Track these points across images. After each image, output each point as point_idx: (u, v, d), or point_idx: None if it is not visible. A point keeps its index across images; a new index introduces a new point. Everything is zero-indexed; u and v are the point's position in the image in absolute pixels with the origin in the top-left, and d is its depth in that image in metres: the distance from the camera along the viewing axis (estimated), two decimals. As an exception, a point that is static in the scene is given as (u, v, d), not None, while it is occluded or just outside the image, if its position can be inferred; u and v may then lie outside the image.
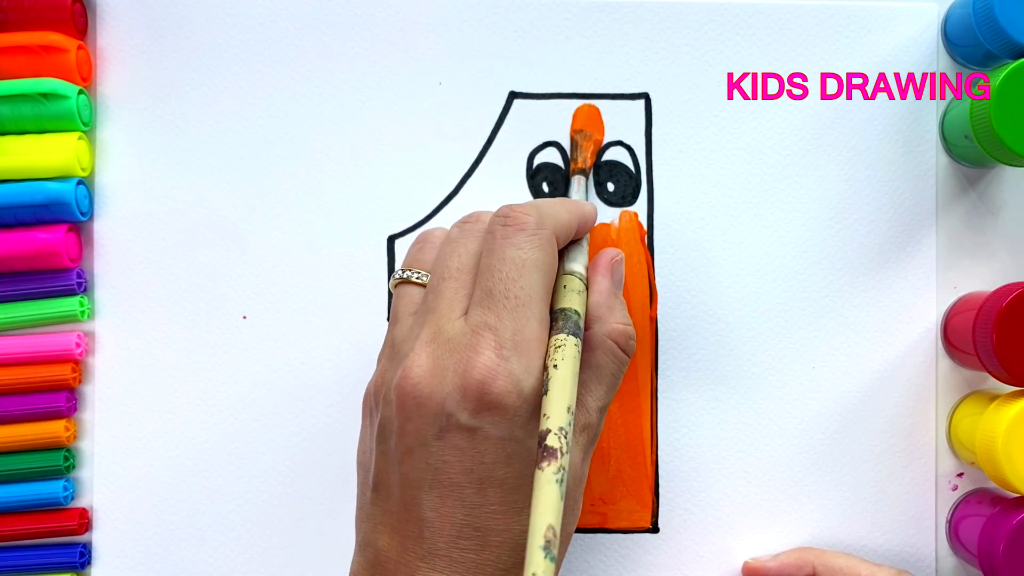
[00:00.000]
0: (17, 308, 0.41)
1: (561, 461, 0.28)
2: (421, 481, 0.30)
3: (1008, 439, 0.38)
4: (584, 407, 0.33)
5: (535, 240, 0.32)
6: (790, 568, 0.40)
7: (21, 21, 0.41)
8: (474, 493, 0.30)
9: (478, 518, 0.30)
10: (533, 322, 0.31)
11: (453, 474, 0.30)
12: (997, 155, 0.39)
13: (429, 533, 0.30)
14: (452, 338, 0.31)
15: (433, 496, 0.30)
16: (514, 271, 0.31)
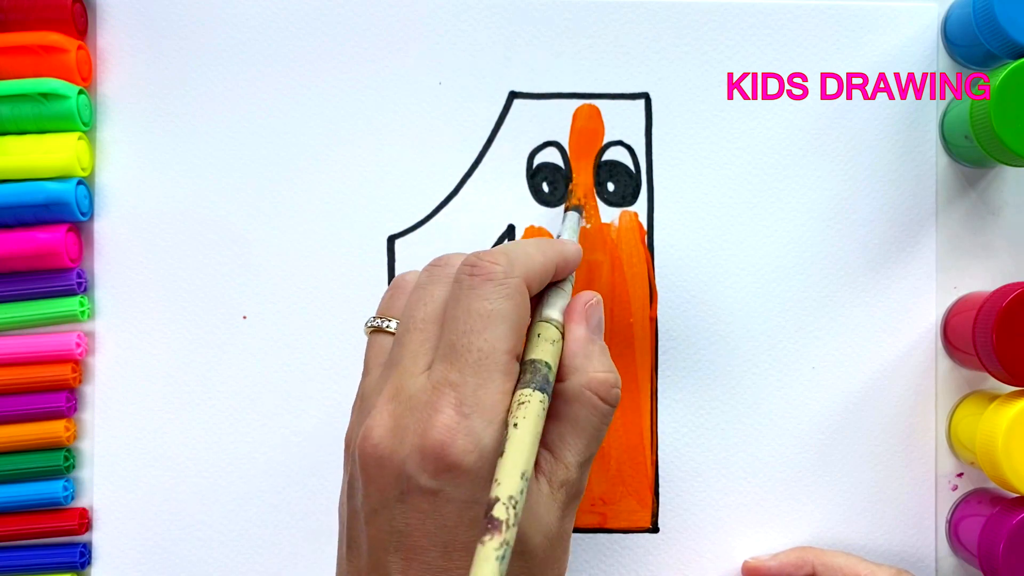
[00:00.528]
0: (17, 308, 0.41)
1: (506, 535, 0.26)
2: (387, 543, 0.29)
3: (1008, 439, 0.38)
4: (562, 463, 0.31)
5: (502, 290, 0.30)
6: (789, 567, 0.40)
7: (21, 21, 0.41)
8: (439, 556, 0.29)
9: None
10: (497, 376, 0.29)
11: (417, 537, 0.29)
12: (997, 155, 0.39)
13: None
14: (413, 395, 0.30)
15: (399, 559, 0.29)
16: (479, 323, 0.30)
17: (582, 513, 0.42)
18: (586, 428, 0.31)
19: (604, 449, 0.42)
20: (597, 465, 0.42)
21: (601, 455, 0.42)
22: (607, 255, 0.42)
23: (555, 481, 0.30)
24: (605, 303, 0.42)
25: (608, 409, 0.32)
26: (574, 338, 0.33)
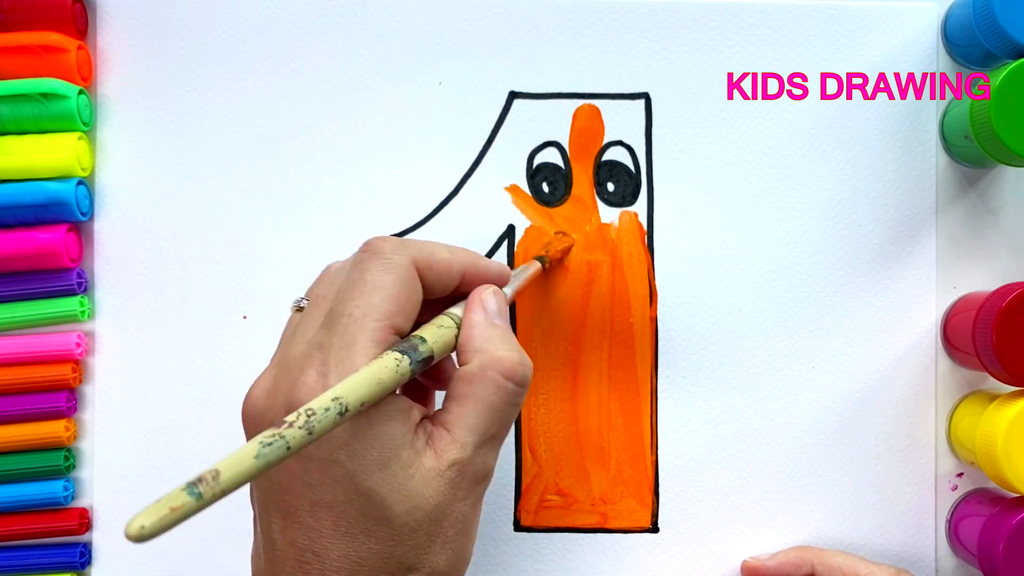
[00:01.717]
0: (17, 308, 0.41)
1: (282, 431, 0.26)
2: (268, 504, 0.31)
3: (1008, 439, 0.38)
4: (457, 441, 0.31)
5: (384, 263, 0.31)
6: (788, 567, 0.40)
7: (21, 21, 0.41)
8: (309, 516, 0.30)
9: (315, 542, 0.30)
10: (363, 341, 0.30)
11: (289, 497, 0.30)
12: (997, 155, 0.39)
13: (279, 557, 0.30)
14: (291, 359, 0.31)
15: (278, 519, 0.30)
16: (355, 292, 0.31)
17: (582, 513, 0.42)
18: (485, 406, 0.31)
19: (604, 449, 0.42)
20: (597, 465, 0.42)
21: (601, 455, 0.42)
22: (607, 255, 0.42)
23: (445, 458, 0.30)
24: (605, 303, 0.42)
25: (512, 388, 0.32)
26: (471, 323, 0.33)
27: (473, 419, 0.31)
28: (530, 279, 0.38)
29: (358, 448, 0.29)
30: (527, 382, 0.32)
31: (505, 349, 0.32)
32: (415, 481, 0.30)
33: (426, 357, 0.31)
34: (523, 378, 0.32)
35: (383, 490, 0.29)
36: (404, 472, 0.30)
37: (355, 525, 0.29)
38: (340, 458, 0.29)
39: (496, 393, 0.31)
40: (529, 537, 0.42)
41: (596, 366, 0.42)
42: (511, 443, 0.42)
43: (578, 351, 0.42)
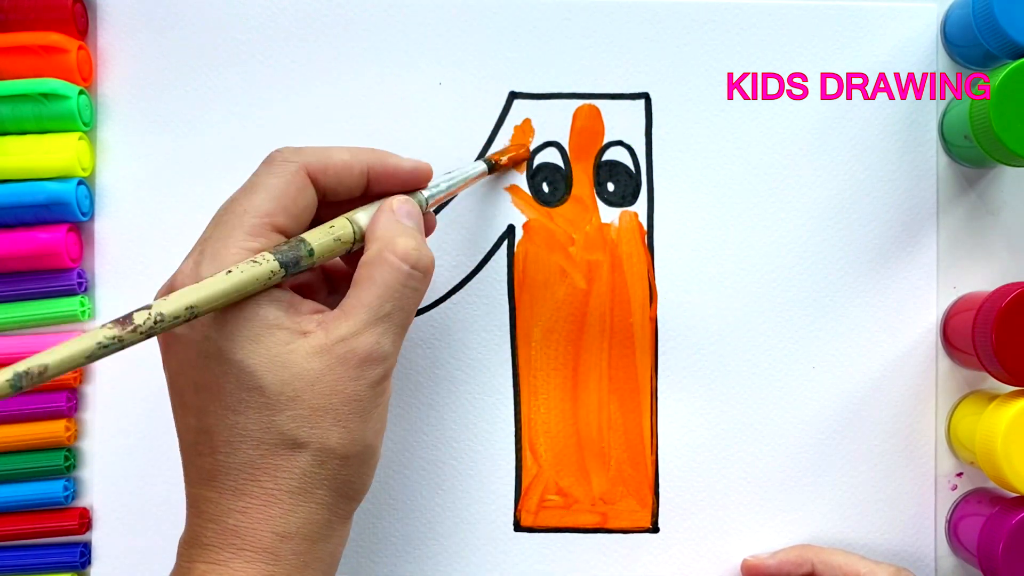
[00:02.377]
0: (18, 308, 0.41)
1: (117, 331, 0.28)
2: (170, 397, 0.33)
3: (1007, 439, 0.38)
4: (351, 319, 0.32)
5: (273, 168, 0.33)
6: (789, 566, 0.40)
7: (22, 21, 0.41)
8: (194, 397, 0.32)
9: (202, 420, 0.31)
10: (238, 234, 0.31)
11: (177, 380, 0.32)
12: (996, 155, 0.39)
13: (181, 444, 0.33)
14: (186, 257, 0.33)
15: (175, 406, 0.33)
16: (241, 192, 0.33)
17: (582, 513, 0.42)
18: (379, 285, 0.32)
19: (604, 449, 0.42)
20: (597, 465, 0.42)
21: (601, 455, 0.42)
22: (607, 255, 0.42)
23: (333, 334, 0.31)
24: (605, 303, 0.42)
25: (407, 269, 0.32)
26: (375, 220, 0.34)
27: (366, 298, 0.32)
28: (471, 181, 0.39)
29: (229, 327, 0.31)
30: (424, 267, 0.33)
31: (404, 237, 0.33)
32: (295, 356, 0.31)
33: (303, 256, 0.32)
34: (418, 261, 0.33)
35: (253, 360, 0.31)
36: (279, 347, 0.31)
37: (233, 396, 0.31)
38: (212, 335, 0.31)
39: (390, 273, 0.32)
40: (529, 537, 0.42)
41: (596, 366, 0.42)
42: (511, 443, 0.42)
43: (578, 351, 0.42)
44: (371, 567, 0.42)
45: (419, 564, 0.42)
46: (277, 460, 0.31)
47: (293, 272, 0.32)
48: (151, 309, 0.29)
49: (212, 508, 0.31)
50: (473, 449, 0.42)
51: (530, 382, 0.42)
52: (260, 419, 0.31)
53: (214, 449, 0.31)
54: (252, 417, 0.31)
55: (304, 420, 0.31)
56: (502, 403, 0.42)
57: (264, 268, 0.31)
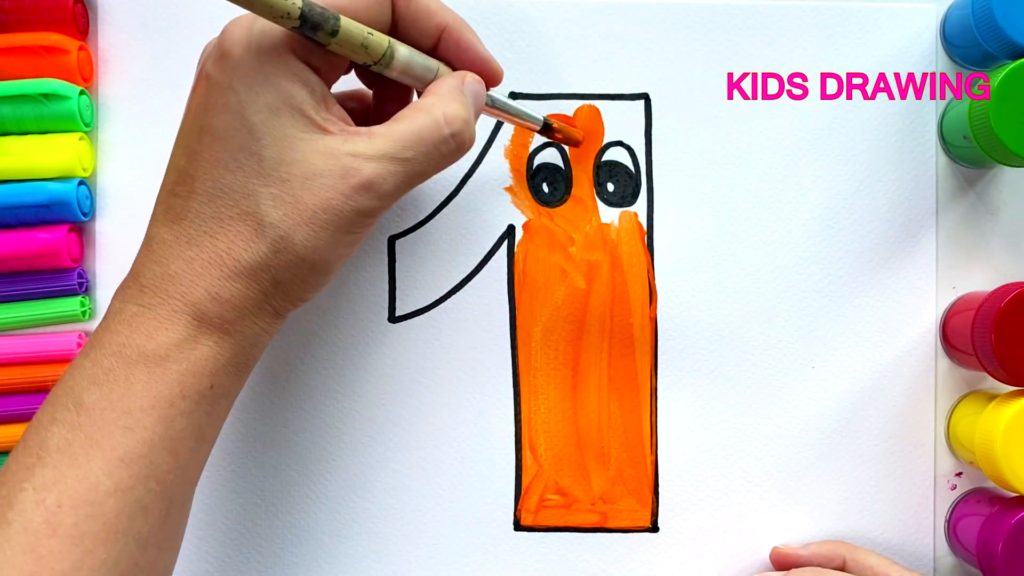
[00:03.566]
0: (18, 308, 0.41)
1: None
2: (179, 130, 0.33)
3: (1007, 439, 0.38)
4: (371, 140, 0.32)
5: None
6: (819, 559, 0.40)
7: (22, 22, 0.41)
8: (195, 140, 0.32)
9: (193, 165, 0.32)
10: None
11: (187, 121, 0.33)
12: (996, 155, 0.39)
13: (163, 181, 0.33)
14: None
15: (175, 146, 0.33)
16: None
17: (582, 513, 0.42)
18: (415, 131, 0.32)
19: (604, 449, 0.42)
20: (597, 465, 0.42)
21: (601, 455, 0.42)
22: (607, 255, 0.42)
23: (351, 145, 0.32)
24: (605, 303, 0.42)
25: (447, 132, 0.33)
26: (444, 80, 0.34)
27: (397, 133, 0.32)
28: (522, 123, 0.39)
29: (256, 86, 0.31)
30: (461, 141, 0.33)
31: (459, 105, 0.33)
32: (303, 144, 0.31)
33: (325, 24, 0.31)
34: (460, 131, 0.33)
35: (264, 128, 0.31)
36: (293, 129, 0.31)
37: (229, 153, 0.31)
38: (237, 87, 0.31)
39: (431, 127, 0.32)
40: (529, 537, 0.42)
41: (596, 366, 0.42)
42: (511, 443, 0.42)
43: (578, 351, 0.42)
44: (371, 566, 0.42)
45: (419, 564, 0.42)
46: (241, 228, 0.31)
47: (308, 33, 0.31)
48: None
49: (162, 249, 0.32)
50: (473, 449, 0.42)
51: (530, 382, 0.42)
52: (245, 184, 0.31)
53: (191, 192, 0.32)
54: (239, 179, 0.31)
55: (282, 204, 0.31)
56: (502, 403, 0.42)
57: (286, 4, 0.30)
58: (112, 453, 0.30)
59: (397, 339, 0.42)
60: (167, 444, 0.31)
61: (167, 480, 0.31)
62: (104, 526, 0.29)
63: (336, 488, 0.42)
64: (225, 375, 0.32)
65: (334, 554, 0.42)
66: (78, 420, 0.30)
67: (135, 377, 0.30)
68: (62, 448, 0.30)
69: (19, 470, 0.30)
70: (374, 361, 0.42)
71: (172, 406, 0.31)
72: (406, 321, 0.42)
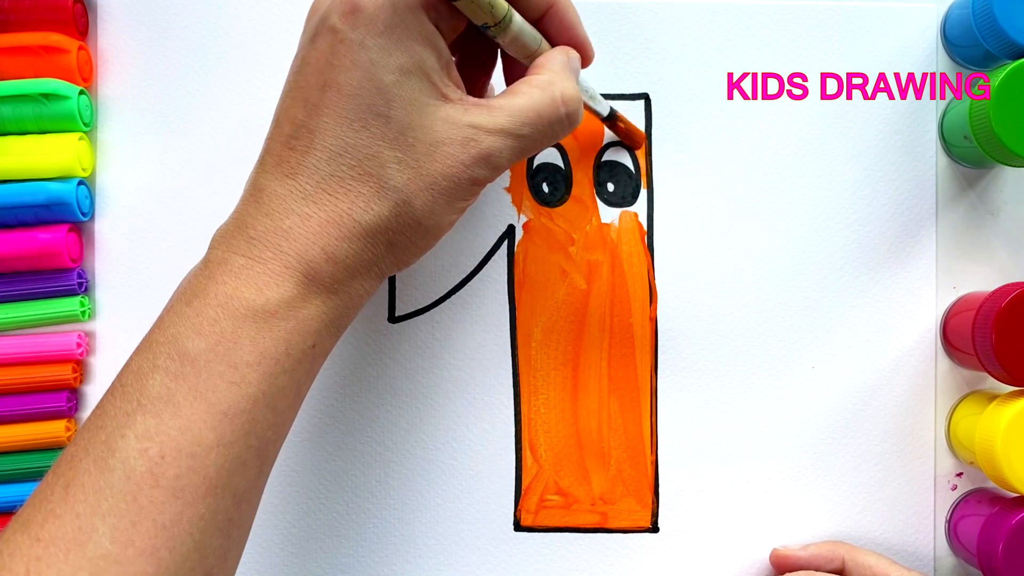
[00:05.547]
0: (18, 308, 0.41)
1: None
2: (288, 84, 0.32)
3: (1007, 439, 0.38)
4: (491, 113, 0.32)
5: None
6: (819, 560, 0.40)
7: (22, 22, 0.41)
8: (317, 93, 0.31)
9: (314, 119, 0.31)
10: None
11: (307, 74, 0.31)
12: (996, 155, 0.39)
13: (273, 133, 0.32)
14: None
15: (288, 96, 0.32)
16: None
17: (582, 513, 0.42)
18: (533, 108, 0.32)
19: (604, 449, 0.42)
20: (597, 465, 0.42)
21: (601, 455, 0.42)
22: (607, 255, 0.42)
23: (470, 118, 0.32)
24: (605, 303, 0.42)
25: (563, 112, 0.33)
26: (557, 55, 0.34)
27: (516, 108, 0.32)
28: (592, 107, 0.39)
29: (389, 45, 0.30)
30: (573, 120, 0.34)
31: (573, 84, 0.34)
32: (429, 109, 0.31)
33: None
34: (575, 112, 0.33)
35: (395, 90, 0.31)
36: (421, 94, 0.31)
37: (357, 112, 0.31)
38: (370, 44, 0.30)
39: (548, 104, 0.33)
40: (529, 537, 0.42)
41: (596, 366, 0.42)
42: (511, 443, 0.42)
43: (578, 351, 0.42)
44: (372, 566, 0.42)
45: (419, 564, 0.42)
46: (363, 189, 0.31)
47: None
48: None
49: (275, 202, 0.31)
50: (473, 449, 0.42)
51: (530, 382, 0.42)
52: (371, 145, 0.31)
53: (309, 148, 0.31)
54: (364, 139, 0.31)
55: (407, 168, 0.31)
56: (502, 403, 0.42)
57: None
58: (216, 407, 0.29)
59: (397, 339, 0.42)
60: (269, 401, 0.30)
61: (265, 436, 0.31)
62: (204, 480, 0.29)
63: (335, 488, 0.42)
64: (327, 334, 0.32)
65: (334, 554, 0.42)
66: (181, 369, 0.29)
67: (242, 331, 0.30)
68: (164, 397, 0.29)
69: (118, 415, 0.29)
70: (374, 361, 0.42)
71: (277, 363, 0.30)
72: (406, 321, 0.42)
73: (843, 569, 0.40)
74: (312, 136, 0.31)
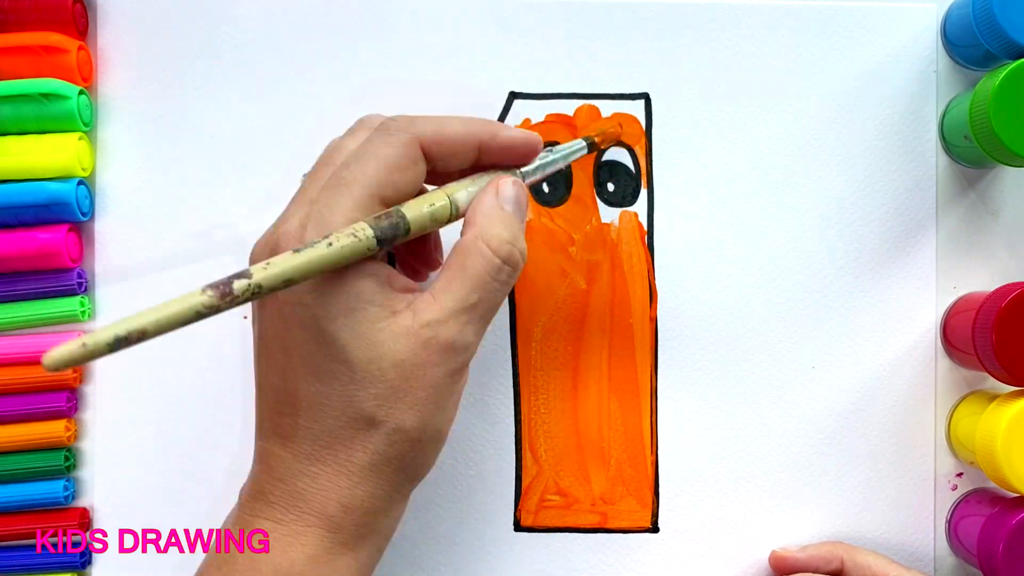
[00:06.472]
0: (18, 308, 0.41)
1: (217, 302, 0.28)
2: (256, 350, 0.33)
3: (1007, 439, 0.38)
4: (438, 304, 0.32)
5: (387, 138, 0.33)
6: (818, 561, 0.40)
7: (22, 21, 0.41)
8: (282, 358, 0.32)
9: (290, 382, 0.32)
10: (347, 202, 0.31)
11: (268, 339, 0.32)
12: (996, 155, 0.39)
13: (260, 400, 0.33)
14: (287, 213, 0.33)
15: (262, 362, 0.33)
16: (353, 159, 0.32)
17: (582, 513, 0.42)
18: (470, 276, 0.32)
19: (604, 449, 0.42)
20: (597, 465, 0.42)
21: (601, 455, 0.42)
22: (607, 255, 0.42)
23: (421, 318, 0.32)
24: (605, 303, 0.42)
25: (498, 263, 0.32)
26: (476, 203, 0.34)
27: (456, 285, 0.32)
28: (572, 159, 0.38)
29: (325, 297, 0.31)
30: (515, 263, 0.33)
31: (500, 227, 0.33)
32: (383, 335, 0.31)
33: (400, 234, 0.31)
34: (509, 256, 0.33)
35: (345, 334, 0.31)
36: (370, 325, 0.31)
37: (320, 366, 0.31)
38: (307, 302, 0.31)
39: (482, 264, 0.32)
40: (529, 537, 0.42)
41: (596, 366, 0.42)
42: (511, 443, 0.42)
43: (578, 351, 0.42)
44: (371, 567, 0.42)
45: (419, 564, 0.42)
46: (353, 433, 0.31)
47: (386, 248, 0.31)
48: (250, 279, 0.29)
49: (282, 467, 0.32)
50: (473, 449, 0.42)
51: (530, 382, 0.42)
52: (344, 392, 0.31)
53: (296, 411, 0.32)
54: (337, 388, 0.31)
55: (384, 400, 0.31)
56: (502, 403, 0.42)
57: (363, 244, 0.30)
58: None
59: (397, 339, 0.42)
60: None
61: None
62: None
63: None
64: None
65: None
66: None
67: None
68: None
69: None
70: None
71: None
72: (406, 321, 0.42)
73: (842, 570, 0.40)
74: (293, 400, 0.32)
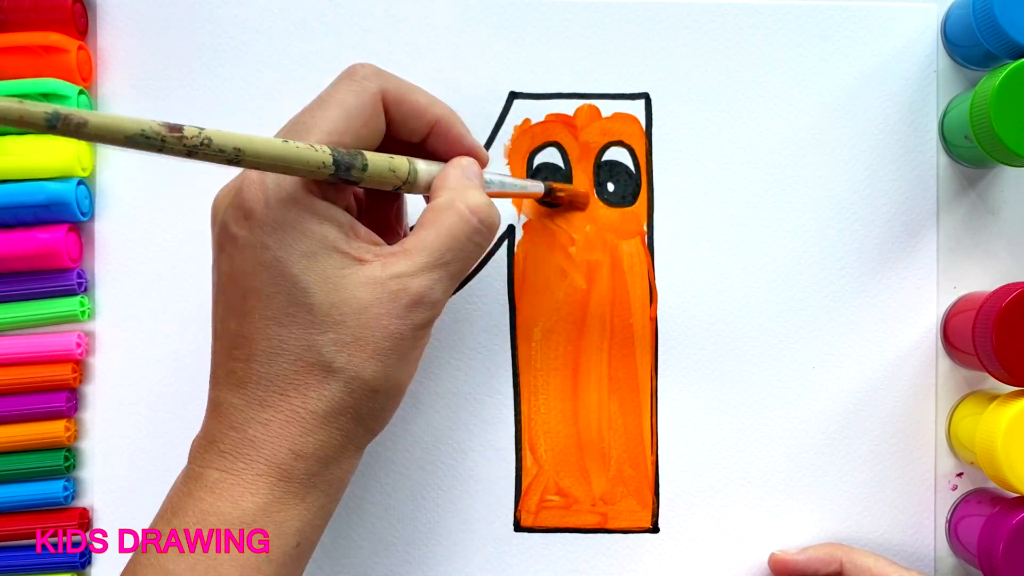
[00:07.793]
0: (17, 308, 0.41)
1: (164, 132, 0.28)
2: (214, 295, 0.33)
3: (1008, 439, 0.38)
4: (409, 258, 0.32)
5: (351, 84, 0.33)
6: (817, 563, 0.40)
7: (21, 21, 0.41)
8: (241, 302, 0.32)
9: (244, 326, 0.32)
10: None
11: (225, 284, 0.32)
12: (997, 155, 0.39)
13: (215, 347, 0.33)
14: None
15: (219, 307, 0.33)
16: (316, 103, 0.33)
17: (582, 513, 0.42)
18: (445, 232, 0.32)
19: (604, 449, 0.42)
20: (597, 465, 0.42)
21: (601, 455, 0.42)
22: (607, 255, 0.42)
23: (390, 270, 0.32)
24: (605, 303, 0.42)
25: (476, 223, 0.33)
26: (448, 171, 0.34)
27: (430, 241, 0.32)
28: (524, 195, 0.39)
29: (287, 238, 0.31)
30: (491, 224, 0.33)
31: (475, 191, 0.34)
32: (348, 280, 0.31)
33: (356, 167, 0.31)
34: (488, 217, 0.33)
35: (307, 277, 0.31)
36: (335, 270, 0.31)
37: (279, 309, 0.31)
38: (269, 244, 0.31)
39: (459, 223, 0.33)
40: (529, 537, 0.42)
41: (596, 366, 0.42)
42: (511, 443, 0.42)
43: (578, 351, 0.42)
44: (371, 567, 0.42)
45: (419, 564, 0.42)
46: (309, 379, 0.31)
47: (342, 177, 0.31)
48: (202, 130, 0.28)
49: (234, 415, 0.32)
50: (473, 449, 0.42)
51: (530, 382, 0.42)
52: (302, 336, 0.31)
53: (250, 356, 0.31)
54: (295, 332, 0.31)
55: (344, 346, 0.31)
56: (502, 403, 0.42)
57: (318, 156, 0.30)
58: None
59: (397, 339, 0.42)
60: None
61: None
62: None
63: (336, 488, 0.42)
64: (311, 529, 0.33)
65: (333, 555, 0.42)
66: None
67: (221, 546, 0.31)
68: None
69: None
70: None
71: (259, 571, 0.31)
72: (406, 321, 0.42)
73: (841, 572, 0.40)
74: (249, 343, 0.31)
